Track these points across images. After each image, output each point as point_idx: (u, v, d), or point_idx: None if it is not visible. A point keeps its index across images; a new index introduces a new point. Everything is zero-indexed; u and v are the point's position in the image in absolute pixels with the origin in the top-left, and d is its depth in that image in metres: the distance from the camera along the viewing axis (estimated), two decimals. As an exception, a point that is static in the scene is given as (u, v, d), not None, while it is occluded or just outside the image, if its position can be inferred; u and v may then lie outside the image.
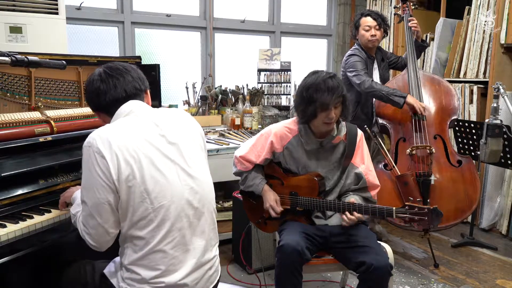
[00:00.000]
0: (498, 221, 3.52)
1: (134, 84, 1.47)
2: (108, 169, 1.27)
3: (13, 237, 1.45)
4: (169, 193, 1.35)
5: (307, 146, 2.05)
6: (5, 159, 1.62)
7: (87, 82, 1.48)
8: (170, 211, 1.34)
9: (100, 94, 1.43)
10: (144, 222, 1.32)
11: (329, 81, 1.90)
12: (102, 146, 1.28)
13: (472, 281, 2.73)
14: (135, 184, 1.30)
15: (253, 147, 2.14)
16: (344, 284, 2.61)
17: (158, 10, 3.83)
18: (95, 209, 1.31)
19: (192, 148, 1.47)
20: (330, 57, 4.91)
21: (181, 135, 1.45)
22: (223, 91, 3.82)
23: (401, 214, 1.84)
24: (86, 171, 1.32)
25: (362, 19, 3.07)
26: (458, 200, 2.74)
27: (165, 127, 1.42)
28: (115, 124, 1.38)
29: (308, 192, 2.04)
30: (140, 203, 1.31)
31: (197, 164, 1.47)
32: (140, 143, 1.34)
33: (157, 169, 1.34)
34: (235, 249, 2.89)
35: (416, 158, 2.79)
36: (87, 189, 1.32)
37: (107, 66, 1.47)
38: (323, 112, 1.91)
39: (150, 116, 1.42)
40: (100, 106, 1.46)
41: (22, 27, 2.45)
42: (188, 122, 1.53)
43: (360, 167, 2.08)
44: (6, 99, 1.89)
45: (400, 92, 2.86)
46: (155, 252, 1.33)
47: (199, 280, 1.43)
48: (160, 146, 1.37)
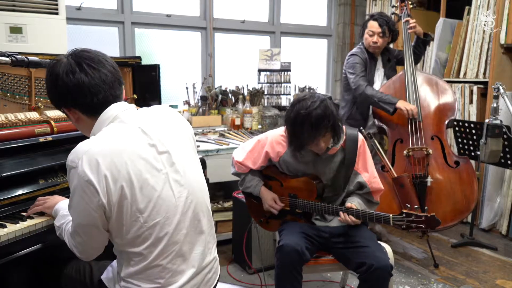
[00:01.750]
0: (498, 221, 3.52)
1: (118, 80, 1.31)
2: (96, 195, 1.17)
3: (13, 237, 1.44)
4: (163, 209, 1.27)
5: (302, 158, 2.03)
6: (5, 159, 1.62)
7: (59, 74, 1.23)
8: (165, 227, 1.27)
9: (86, 92, 1.23)
10: (139, 240, 1.25)
11: (314, 113, 1.80)
12: (89, 170, 1.16)
13: (472, 281, 2.73)
14: (126, 205, 1.21)
15: (250, 153, 2.12)
16: (344, 284, 2.61)
17: (158, 10, 3.83)
18: (82, 229, 1.26)
19: (183, 152, 1.37)
20: (330, 57, 4.91)
21: (171, 140, 1.33)
22: (223, 91, 3.82)
23: (398, 222, 1.84)
24: (72, 192, 1.22)
25: (370, 22, 3.05)
26: (456, 201, 2.73)
27: (154, 134, 1.29)
28: (100, 137, 1.23)
29: (307, 194, 2.04)
30: (134, 223, 1.23)
31: (189, 168, 1.37)
32: (129, 159, 1.21)
33: (148, 185, 1.24)
34: (235, 249, 2.89)
35: (412, 160, 2.79)
36: (73, 209, 1.25)
37: (85, 57, 1.25)
38: (311, 144, 1.89)
39: (137, 122, 1.29)
40: (82, 105, 1.26)
41: (22, 27, 2.45)
42: (177, 123, 1.40)
43: (363, 175, 2.04)
44: (6, 99, 1.89)
45: (391, 99, 2.85)
46: (152, 268, 1.27)
47: (199, 285, 1.39)
48: (150, 158, 1.26)
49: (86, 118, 1.29)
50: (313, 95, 1.87)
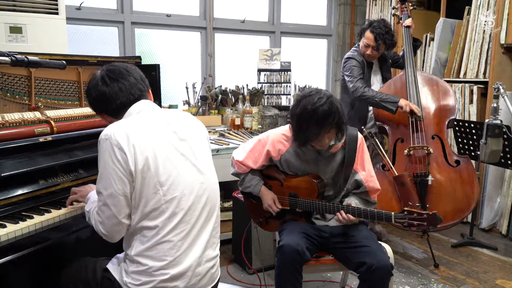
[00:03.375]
0: (498, 221, 3.52)
1: (139, 86, 1.51)
2: (126, 161, 1.32)
3: (13, 237, 1.44)
4: (181, 185, 1.40)
5: (304, 156, 2.03)
6: (5, 159, 1.62)
7: (90, 87, 1.51)
8: (181, 204, 1.39)
9: (107, 100, 1.47)
10: (156, 213, 1.36)
11: (320, 109, 1.79)
12: (120, 139, 1.33)
13: (472, 281, 2.73)
14: (149, 176, 1.34)
15: (251, 152, 2.12)
16: (344, 284, 2.61)
17: (158, 10, 3.83)
18: (111, 200, 1.35)
19: (200, 146, 1.53)
20: (330, 57, 4.91)
21: (190, 133, 1.51)
22: (223, 91, 3.82)
23: (400, 220, 1.84)
24: (102, 163, 1.35)
25: (367, 32, 3.00)
26: (456, 200, 2.74)
27: (176, 124, 1.48)
28: (129, 120, 1.43)
29: (308, 193, 2.03)
30: (153, 194, 1.35)
31: (206, 161, 1.53)
32: (154, 137, 1.39)
33: (170, 162, 1.39)
34: (235, 249, 2.89)
35: (413, 159, 2.79)
36: (103, 180, 1.36)
37: (108, 70, 1.49)
38: (315, 140, 1.89)
39: (160, 115, 1.48)
40: (107, 111, 1.50)
41: (22, 27, 2.45)
42: (195, 123, 1.58)
43: (361, 173, 2.04)
44: (6, 99, 1.89)
45: (392, 98, 2.85)
46: (163, 243, 1.37)
47: (202, 276, 1.46)
48: (173, 141, 1.43)
49: (114, 120, 1.49)
50: (319, 91, 1.87)
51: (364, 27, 3.06)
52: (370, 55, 3.05)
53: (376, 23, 3.01)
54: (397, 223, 1.87)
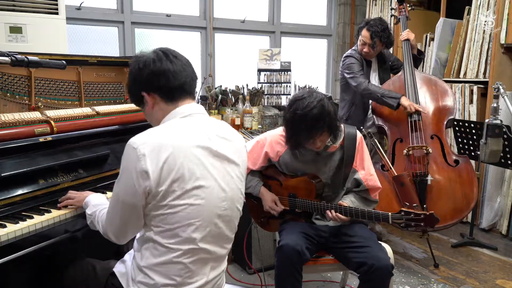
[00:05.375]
0: (498, 221, 3.52)
1: (194, 74, 1.45)
2: (147, 180, 1.24)
3: (13, 237, 1.44)
4: (202, 214, 1.32)
5: (302, 157, 2.03)
6: (5, 159, 1.62)
7: (148, 62, 1.38)
8: (199, 231, 1.33)
9: (168, 76, 1.37)
10: (171, 233, 1.30)
11: (310, 114, 1.78)
12: (148, 155, 1.24)
13: (472, 281, 2.73)
14: (172, 198, 1.27)
15: (250, 154, 2.11)
16: (344, 284, 2.61)
17: (158, 10, 3.83)
18: (123, 208, 1.31)
19: (235, 171, 1.44)
20: (330, 57, 4.91)
21: (229, 155, 1.41)
22: (223, 91, 3.82)
23: (397, 220, 1.83)
24: (124, 170, 1.29)
25: (363, 31, 3.02)
26: (455, 200, 2.74)
27: (215, 143, 1.38)
28: (166, 127, 1.34)
29: (306, 194, 2.03)
30: (172, 216, 1.28)
31: (235, 187, 1.44)
32: (187, 155, 1.29)
33: (196, 188, 1.30)
34: (235, 249, 2.89)
35: (412, 159, 2.79)
36: (121, 185, 1.31)
37: (168, 50, 1.43)
38: (307, 144, 1.89)
39: (205, 127, 1.39)
40: (162, 88, 1.38)
41: (22, 27, 2.45)
42: (239, 148, 1.48)
43: (360, 172, 2.04)
44: (6, 99, 1.89)
45: (394, 94, 2.87)
46: (174, 263, 1.31)
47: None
48: (206, 161, 1.34)
49: (163, 103, 1.40)
50: (311, 94, 1.85)
51: (361, 26, 3.09)
52: (367, 53, 3.06)
53: (373, 21, 3.03)
54: (394, 223, 1.87)
